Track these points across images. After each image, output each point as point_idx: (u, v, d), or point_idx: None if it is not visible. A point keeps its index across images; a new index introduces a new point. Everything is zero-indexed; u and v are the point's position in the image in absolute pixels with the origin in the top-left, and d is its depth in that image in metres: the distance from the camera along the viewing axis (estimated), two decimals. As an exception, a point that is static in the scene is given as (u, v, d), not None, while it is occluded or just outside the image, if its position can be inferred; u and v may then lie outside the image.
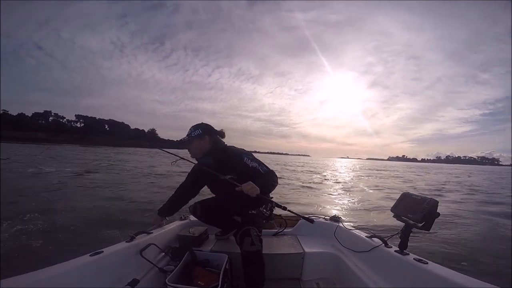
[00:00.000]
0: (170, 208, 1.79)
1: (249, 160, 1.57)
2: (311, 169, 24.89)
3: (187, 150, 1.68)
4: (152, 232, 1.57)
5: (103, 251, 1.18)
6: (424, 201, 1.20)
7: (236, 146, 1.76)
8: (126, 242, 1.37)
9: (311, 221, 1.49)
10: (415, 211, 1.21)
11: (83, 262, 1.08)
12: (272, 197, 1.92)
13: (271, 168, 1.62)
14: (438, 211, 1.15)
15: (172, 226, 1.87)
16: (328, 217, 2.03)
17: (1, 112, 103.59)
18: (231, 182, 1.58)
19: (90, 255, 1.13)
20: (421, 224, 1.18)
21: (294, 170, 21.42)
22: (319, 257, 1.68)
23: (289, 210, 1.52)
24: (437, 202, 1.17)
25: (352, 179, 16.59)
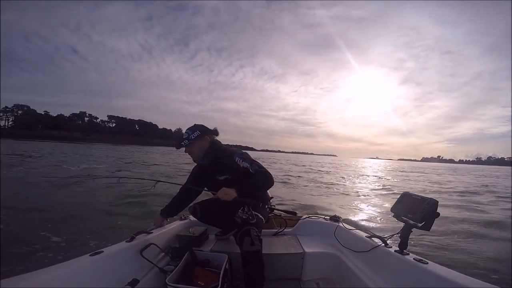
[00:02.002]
0: (172, 210, 1.80)
1: (241, 160, 1.58)
2: (327, 169, 23.07)
3: (187, 153, 1.66)
4: (152, 232, 1.57)
5: (103, 251, 1.18)
6: (424, 201, 1.20)
7: (232, 145, 1.77)
8: (126, 242, 1.37)
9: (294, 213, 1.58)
10: (415, 211, 1.21)
11: (83, 262, 1.08)
12: (272, 197, 1.92)
13: (266, 168, 1.61)
14: (438, 211, 1.15)
15: (172, 226, 1.87)
16: (328, 217, 2.03)
17: (43, 112, 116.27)
18: (226, 183, 1.58)
19: (90, 255, 1.13)
20: (421, 224, 1.18)
21: (306, 171, 19.77)
22: (319, 257, 1.68)
23: (277, 209, 1.53)
24: (437, 202, 1.17)
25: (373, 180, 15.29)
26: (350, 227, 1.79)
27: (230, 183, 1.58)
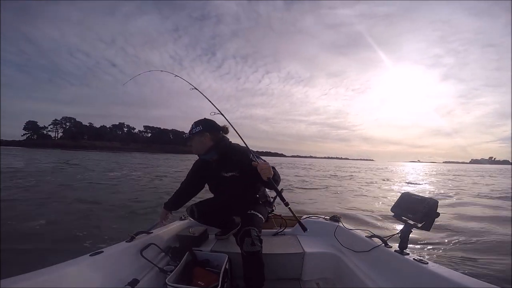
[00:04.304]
0: (175, 203, 1.80)
1: (255, 158, 1.55)
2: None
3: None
4: (152, 232, 1.57)
5: (103, 251, 1.18)
6: (424, 201, 1.20)
7: (241, 145, 1.75)
8: (126, 242, 1.37)
9: (304, 229, 1.38)
10: (415, 211, 1.21)
11: (83, 262, 1.08)
12: (282, 189, 1.92)
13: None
14: (438, 211, 1.15)
15: (172, 226, 1.88)
16: (328, 217, 2.03)
17: (88, 124, 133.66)
18: (232, 180, 1.58)
19: (90, 255, 1.13)
20: (421, 224, 1.18)
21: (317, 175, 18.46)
22: (319, 257, 1.68)
23: (289, 209, 1.50)
24: (437, 202, 1.17)
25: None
26: (350, 227, 1.79)
27: (236, 180, 1.58)
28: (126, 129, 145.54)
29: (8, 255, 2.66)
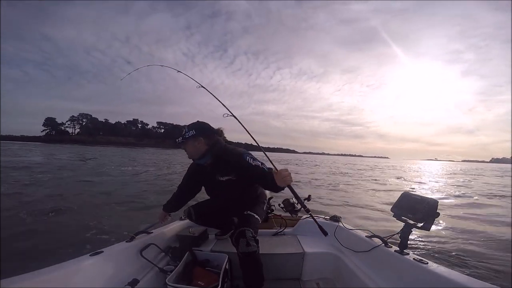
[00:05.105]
0: (173, 205, 1.80)
1: (251, 160, 1.51)
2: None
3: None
4: (152, 232, 1.57)
5: (103, 251, 1.18)
6: (424, 201, 1.20)
7: (237, 147, 1.74)
8: (126, 242, 1.37)
9: (325, 233, 1.37)
10: (415, 211, 1.21)
11: (83, 262, 1.08)
12: (272, 197, 1.91)
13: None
14: (438, 211, 1.15)
15: (172, 226, 1.88)
16: (328, 217, 2.03)
17: (103, 120, 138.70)
18: (228, 184, 1.57)
19: (90, 255, 1.13)
20: (421, 224, 1.18)
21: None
22: (319, 257, 1.68)
23: (311, 215, 1.46)
24: (437, 202, 1.17)
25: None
26: (350, 227, 1.79)
27: (232, 184, 1.56)
28: (140, 125, 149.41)
29: (8, 256, 2.66)
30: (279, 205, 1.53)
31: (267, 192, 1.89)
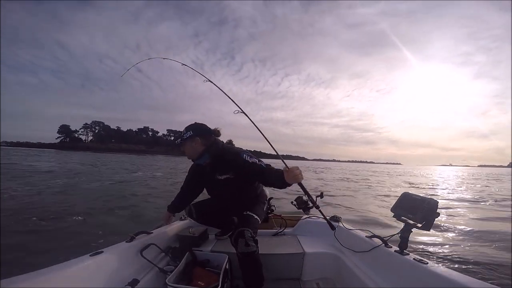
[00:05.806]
0: (177, 206, 1.84)
1: (248, 157, 1.54)
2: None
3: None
4: (152, 232, 1.57)
5: (103, 251, 1.18)
6: (424, 201, 1.20)
7: (237, 147, 1.75)
8: (126, 242, 1.37)
9: (333, 228, 1.45)
10: (415, 211, 1.21)
11: (83, 262, 1.08)
12: (271, 197, 1.92)
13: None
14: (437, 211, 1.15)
15: (172, 226, 1.88)
16: (328, 217, 2.03)
17: (115, 128, 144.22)
18: (227, 182, 1.58)
19: (90, 255, 1.13)
20: (421, 224, 1.18)
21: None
22: (319, 257, 1.68)
23: (320, 211, 1.46)
24: (437, 202, 1.17)
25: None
26: (350, 227, 1.79)
27: (231, 182, 1.58)
28: (150, 133, 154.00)
29: (8, 255, 2.66)
30: (291, 202, 1.55)
31: (267, 192, 1.90)
